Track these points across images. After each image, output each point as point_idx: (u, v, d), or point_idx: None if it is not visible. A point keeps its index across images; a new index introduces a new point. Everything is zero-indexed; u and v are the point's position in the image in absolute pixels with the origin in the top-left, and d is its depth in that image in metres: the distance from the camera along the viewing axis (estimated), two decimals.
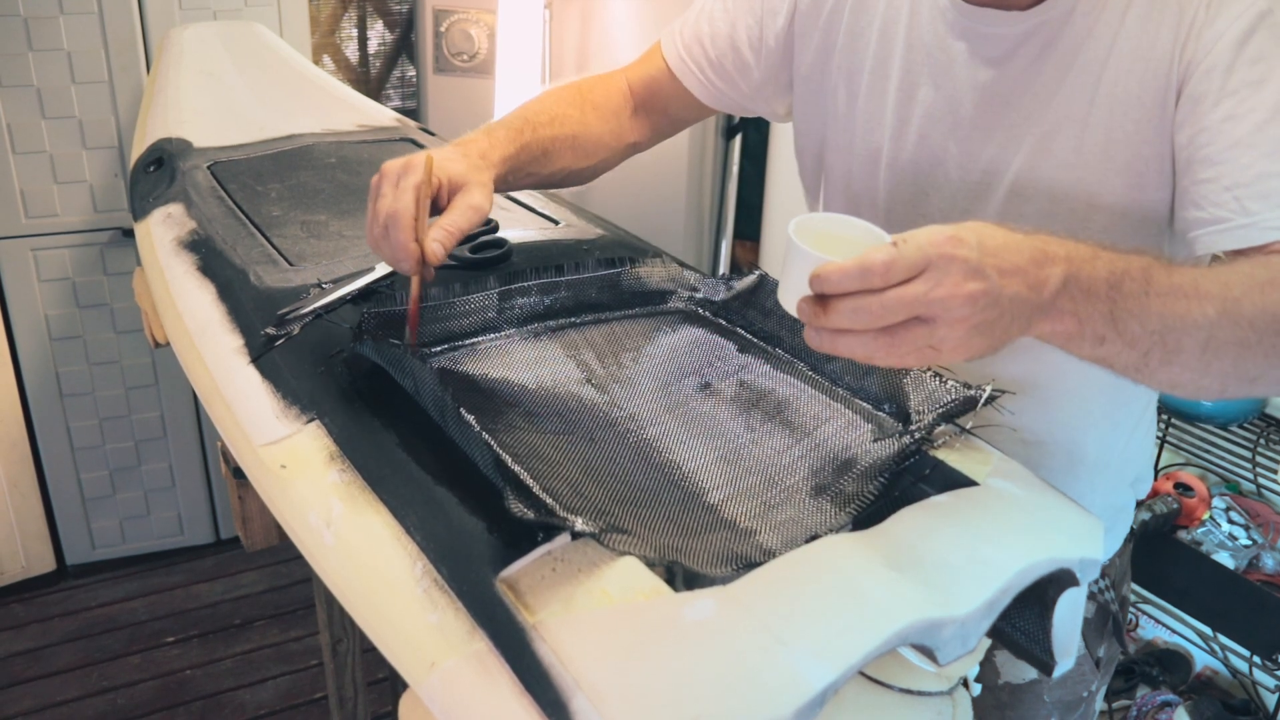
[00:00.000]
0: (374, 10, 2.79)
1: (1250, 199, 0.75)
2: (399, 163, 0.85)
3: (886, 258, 0.62)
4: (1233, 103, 0.76)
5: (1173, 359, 0.70)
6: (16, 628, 2.33)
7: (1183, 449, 2.05)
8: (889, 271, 0.62)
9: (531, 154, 0.98)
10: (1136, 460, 1.07)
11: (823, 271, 0.63)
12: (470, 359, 0.86)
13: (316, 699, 2.16)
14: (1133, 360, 0.70)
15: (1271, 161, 0.75)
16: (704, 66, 1.08)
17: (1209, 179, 0.78)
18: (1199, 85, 0.78)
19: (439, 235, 0.83)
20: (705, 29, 1.07)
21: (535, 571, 0.60)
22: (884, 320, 0.63)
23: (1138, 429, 1.06)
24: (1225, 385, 0.72)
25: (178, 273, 1.07)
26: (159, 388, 2.43)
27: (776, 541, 0.68)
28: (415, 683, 0.61)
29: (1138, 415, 1.05)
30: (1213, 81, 0.77)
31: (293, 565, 2.55)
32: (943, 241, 0.63)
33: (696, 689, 0.51)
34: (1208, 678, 2.13)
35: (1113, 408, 1.01)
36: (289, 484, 0.77)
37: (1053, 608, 0.67)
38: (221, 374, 0.91)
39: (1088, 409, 1.00)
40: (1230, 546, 1.83)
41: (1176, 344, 0.69)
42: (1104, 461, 1.03)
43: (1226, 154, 0.76)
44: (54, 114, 2.16)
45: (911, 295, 0.62)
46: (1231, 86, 0.77)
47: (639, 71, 1.12)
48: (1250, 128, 0.75)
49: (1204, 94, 0.78)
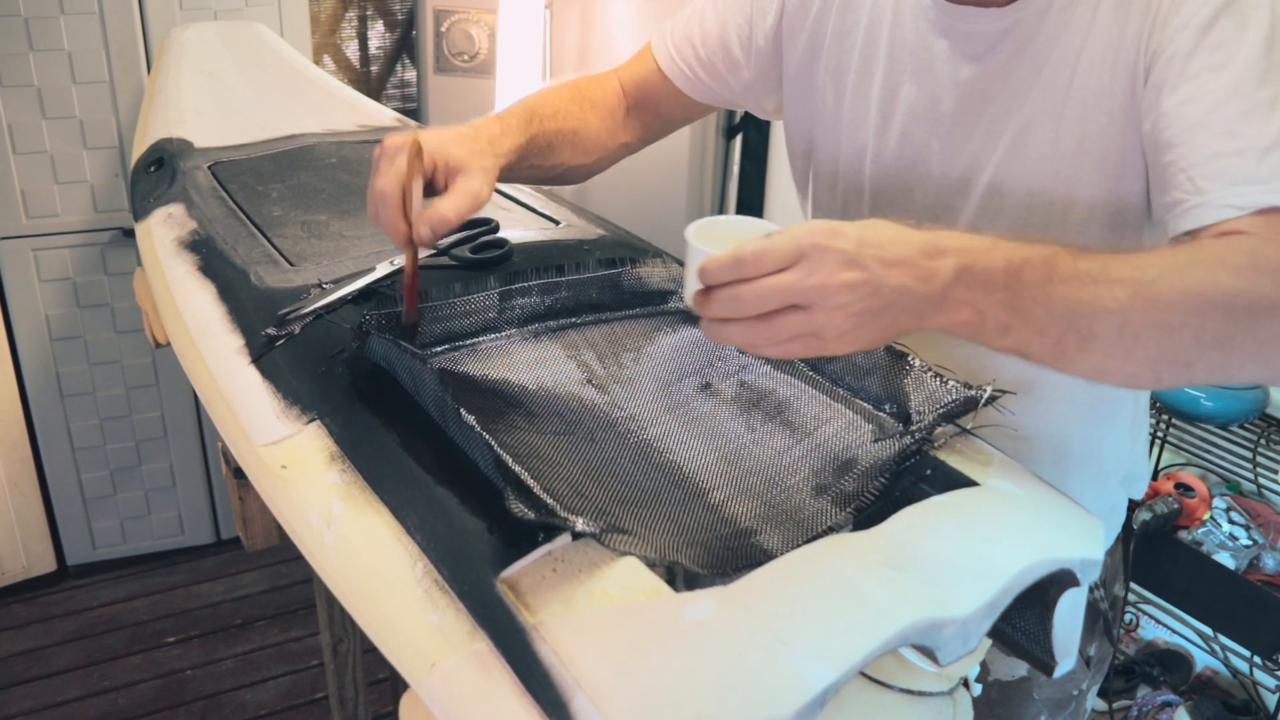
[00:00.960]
0: (374, 10, 2.79)
1: (1202, 178, 0.75)
2: (398, 139, 0.84)
3: (757, 249, 0.65)
4: (1191, 86, 0.77)
5: (1089, 345, 0.69)
6: (17, 628, 2.33)
7: (1183, 449, 2.05)
8: (760, 261, 0.65)
9: (537, 146, 0.98)
10: (1126, 458, 1.07)
11: (706, 263, 0.66)
12: (471, 359, 0.86)
13: (317, 699, 2.16)
14: (1047, 349, 0.70)
15: (1223, 141, 0.75)
16: (694, 66, 1.09)
17: (1169, 162, 0.78)
18: (1161, 72, 0.79)
19: (430, 218, 0.82)
20: (696, 30, 1.08)
21: (536, 572, 0.60)
22: (757, 308, 0.65)
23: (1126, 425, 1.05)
24: (1159, 372, 0.71)
25: (178, 273, 1.07)
26: (159, 388, 2.43)
27: (777, 541, 0.68)
28: (416, 683, 0.61)
29: (1126, 411, 1.04)
30: (1173, 67, 0.78)
31: (293, 565, 2.55)
32: (819, 233, 0.66)
33: (697, 689, 0.51)
34: (1208, 678, 2.13)
35: (1098, 402, 1.01)
36: (289, 484, 0.77)
37: (1053, 608, 0.67)
38: (222, 374, 0.91)
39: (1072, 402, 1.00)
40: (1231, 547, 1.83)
41: (1089, 330, 0.69)
42: (1091, 457, 1.03)
43: (1183, 136, 0.77)
44: (55, 114, 2.16)
45: (783, 283, 0.64)
46: (1191, 71, 0.77)
47: (630, 72, 1.13)
48: (1205, 109, 0.76)
49: (1164, 80, 0.79)
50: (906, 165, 0.96)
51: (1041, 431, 0.99)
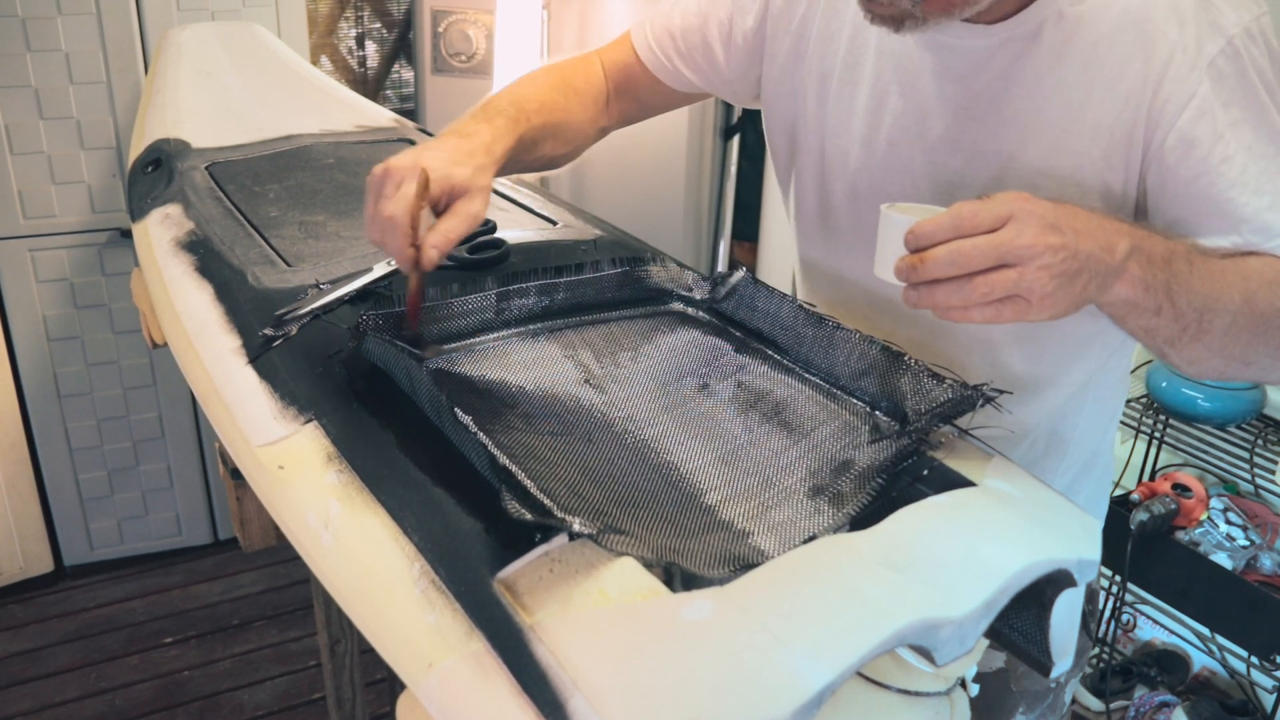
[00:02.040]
0: (372, 11, 2.79)
1: (1251, 233, 0.81)
2: (401, 164, 0.85)
3: (974, 208, 0.70)
4: (1223, 146, 0.81)
5: (1202, 337, 0.77)
6: (15, 628, 2.33)
7: (1181, 449, 2.05)
8: (977, 218, 0.69)
9: (524, 144, 0.99)
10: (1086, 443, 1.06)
11: (918, 227, 0.71)
12: (468, 360, 0.86)
13: (315, 699, 2.16)
14: (1173, 333, 0.77)
15: (1259, 198, 0.80)
16: (673, 58, 1.10)
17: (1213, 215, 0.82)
18: (1193, 129, 0.81)
19: (435, 240, 0.83)
20: (677, 22, 1.09)
21: (533, 572, 0.60)
22: (976, 264, 0.69)
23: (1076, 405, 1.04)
24: (1228, 367, 0.80)
25: (175, 273, 1.07)
26: (157, 388, 2.43)
27: (774, 542, 0.68)
28: (413, 683, 0.61)
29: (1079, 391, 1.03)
30: (1205, 126, 0.81)
31: (291, 566, 2.55)
32: (1023, 199, 0.71)
33: (694, 689, 0.51)
34: (1206, 678, 2.13)
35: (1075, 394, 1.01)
36: (287, 485, 0.77)
37: (1050, 608, 0.67)
38: (219, 375, 0.91)
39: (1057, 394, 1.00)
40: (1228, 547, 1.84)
41: (1210, 324, 0.76)
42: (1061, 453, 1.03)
43: (1227, 194, 0.81)
44: (52, 114, 2.16)
45: (1000, 240, 0.69)
46: (1219, 130, 0.81)
47: (612, 57, 1.13)
48: (1239, 168, 0.80)
49: (1199, 138, 0.81)
50: (892, 174, 0.97)
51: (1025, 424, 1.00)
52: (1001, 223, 0.70)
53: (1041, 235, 0.69)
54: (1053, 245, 0.69)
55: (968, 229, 0.69)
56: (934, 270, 0.70)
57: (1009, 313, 0.71)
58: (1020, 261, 0.69)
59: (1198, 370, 0.81)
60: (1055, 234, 0.70)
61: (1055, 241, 0.69)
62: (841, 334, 0.85)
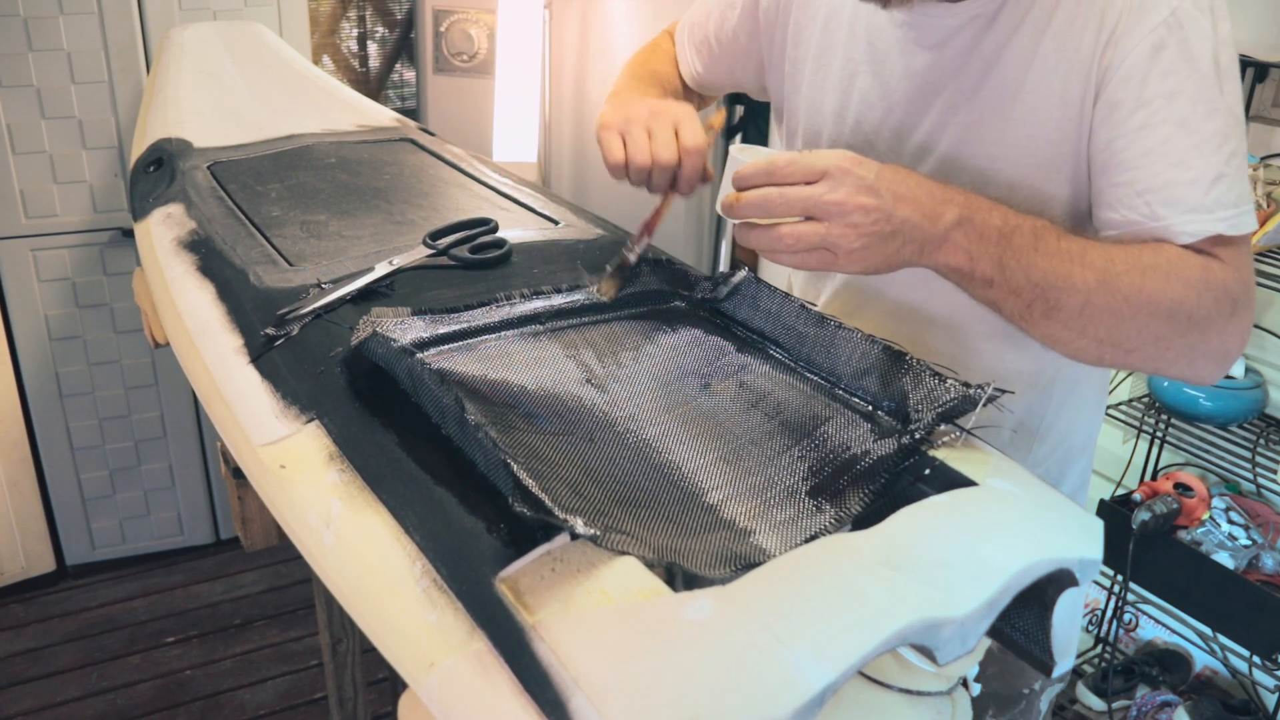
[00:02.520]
0: (373, 10, 2.79)
1: (1159, 204, 0.81)
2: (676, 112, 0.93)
3: (789, 159, 0.75)
4: (1146, 113, 0.81)
5: (1053, 315, 0.79)
6: (16, 628, 2.33)
7: (1182, 449, 2.05)
8: (789, 170, 0.75)
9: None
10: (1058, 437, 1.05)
11: (741, 169, 0.77)
12: (469, 359, 0.86)
13: (316, 699, 2.16)
14: (1017, 309, 0.80)
15: (1178, 171, 0.80)
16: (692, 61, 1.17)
17: (1123, 183, 0.83)
18: (1117, 92, 0.82)
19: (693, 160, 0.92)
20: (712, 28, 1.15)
21: (534, 571, 0.60)
22: (780, 212, 0.75)
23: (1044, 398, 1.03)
24: (1101, 351, 0.81)
25: (177, 273, 1.07)
26: (159, 388, 2.43)
27: (775, 541, 0.68)
28: (414, 682, 0.61)
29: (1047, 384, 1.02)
30: (1129, 90, 0.81)
31: (292, 565, 2.55)
32: (845, 159, 0.75)
33: (695, 688, 0.51)
34: (1207, 678, 2.13)
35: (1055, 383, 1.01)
36: (288, 484, 0.77)
37: (1052, 608, 0.67)
38: (221, 374, 0.91)
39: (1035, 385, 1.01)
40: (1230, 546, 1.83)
41: (1057, 301, 0.78)
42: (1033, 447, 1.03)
43: (1139, 160, 0.81)
44: (54, 114, 2.16)
45: (806, 194, 0.74)
46: (1146, 96, 0.81)
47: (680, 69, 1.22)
48: (1160, 138, 0.80)
49: (1121, 101, 0.82)
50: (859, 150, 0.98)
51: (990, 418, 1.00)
52: (816, 176, 0.74)
53: (853, 195, 0.73)
54: (863, 205, 0.73)
55: (779, 178, 0.75)
56: (744, 211, 0.77)
57: (814, 261, 0.76)
58: (827, 217, 0.73)
59: (1066, 351, 0.82)
60: (869, 195, 0.74)
61: (867, 202, 0.73)
62: (843, 333, 0.85)
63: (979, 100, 0.89)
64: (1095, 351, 0.81)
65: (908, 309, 1.00)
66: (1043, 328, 0.81)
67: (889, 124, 0.95)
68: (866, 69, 0.96)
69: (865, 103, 0.97)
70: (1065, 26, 0.84)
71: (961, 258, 0.77)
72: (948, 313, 0.98)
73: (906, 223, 0.75)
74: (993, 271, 0.78)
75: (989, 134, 0.89)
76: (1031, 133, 0.87)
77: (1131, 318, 0.78)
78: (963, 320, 0.98)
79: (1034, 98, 0.86)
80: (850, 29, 0.98)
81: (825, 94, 1.01)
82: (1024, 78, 0.87)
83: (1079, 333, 0.80)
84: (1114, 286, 0.77)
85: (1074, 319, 0.79)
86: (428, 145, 1.51)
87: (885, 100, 0.95)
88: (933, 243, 0.77)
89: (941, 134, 0.92)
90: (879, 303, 1.03)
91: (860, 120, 0.98)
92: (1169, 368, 0.82)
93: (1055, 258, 0.78)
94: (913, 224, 0.75)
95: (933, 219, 0.76)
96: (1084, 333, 0.80)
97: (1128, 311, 0.78)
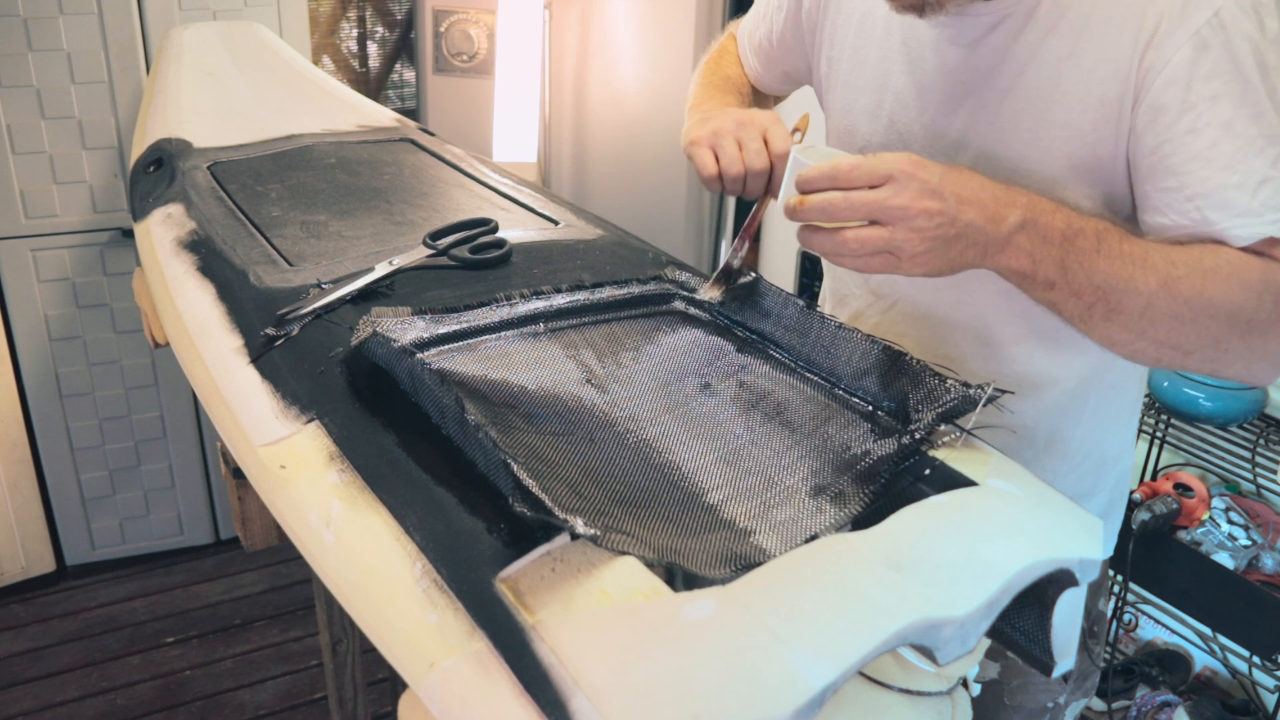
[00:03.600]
0: (373, 10, 2.79)
1: (1209, 209, 0.80)
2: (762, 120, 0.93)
3: (854, 162, 0.74)
4: (1192, 116, 0.80)
5: (1113, 317, 0.78)
6: (16, 628, 2.33)
7: (1182, 449, 2.05)
8: (853, 174, 0.74)
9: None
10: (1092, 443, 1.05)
11: (805, 172, 0.76)
12: (469, 359, 0.86)
13: (316, 699, 2.16)
14: (1078, 311, 0.79)
15: (1227, 174, 0.79)
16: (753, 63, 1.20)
17: (1172, 188, 0.82)
18: (1162, 95, 0.81)
19: None
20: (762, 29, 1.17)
21: (535, 571, 0.60)
22: (846, 216, 0.74)
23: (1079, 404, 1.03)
24: (1159, 353, 0.81)
25: (177, 273, 1.07)
26: (159, 388, 2.43)
27: (776, 541, 0.68)
28: (415, 682, 0.61)
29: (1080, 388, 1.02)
30: (1174, 94, 0.80)
31: (293, 565, 2.55)
32: (909, 162, 0.74)
33: (696, 688, 0.51)
34: (1207, 678, 2.13)
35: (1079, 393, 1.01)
36: (289, 484, 0.77)
37: (1052, 608, 0.67)
38: (221, 374, 0.91)
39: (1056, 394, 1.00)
40: (1230, 547, 1.83)
41: (1118, 304, 0.78)
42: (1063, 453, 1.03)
43: (1187, 165, 0.81)
44: (54, 114, 2.16)
45: (872, 198, 0.73)
46: (1191, 100, 0.80)
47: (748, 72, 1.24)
48: (1207, 142, 0.80)
49: (1166, 105, 0.81)
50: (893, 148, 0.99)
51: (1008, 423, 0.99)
52: (881, 180, 0.73)
53: (918, 199, 0.73)
54: (928, 210, 0.73)
55: (843, 181, 0.74)
56: (808, 215, 0.76)
57: (877, 265, 0.76)
58: (892, 221, 0.73)
59: (1124, 353, 0.82)
60: (933, 199, 0.73)
61: (931, 206, 0.73)
62: (843, 334, 0.85)
63: (1012, 99, 0.89)
64: (1153, 353, 0.81)
65: (938, 314, 1.00)
66: (1103, 330, 0.80)
67: (922, 122, 0.96)
68: (901, 67, 0.96)
69: (899, 101, 0.97)
70: (1102, 27, 0.84)
71: (1024, 260, 0.77)
72: (978, 317, 0.98)
73: (970, 226, 0.74)
74: (1055, 274, 0.77)
75: (1022, 133, 0.89)
76: (1066, 133, 0.87)
77: (1192, 320, 0.78)
78: (994, 325, 0.98)
79: (1070, 99, 0.86)
80: (885, 27, 0.98)
81: (860, 92, 1.01)
82: (1059, 78, 0.86)
83: (1138, 335, 0.79)
84: (1175, 289, 0.77)
85: (1135, 322, 0.78)
86: (428, 145, 1.51)
87: (920, 98, 0.95)
88: (996, 245, 0.76)
89: (975, 133, 0.92)
90: (908, 307, 1.03)
91: (894, 118, 0.98)
92: (1226, 369, 0.82)
93: (1118, 260, 0.77)
94: (976, 227, 0.75)
95: (996, 222, 0.75)
96: (1143, 335, 0.79)
97: (1188, 314, 0.78)
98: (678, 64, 2.60)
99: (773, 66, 1.17)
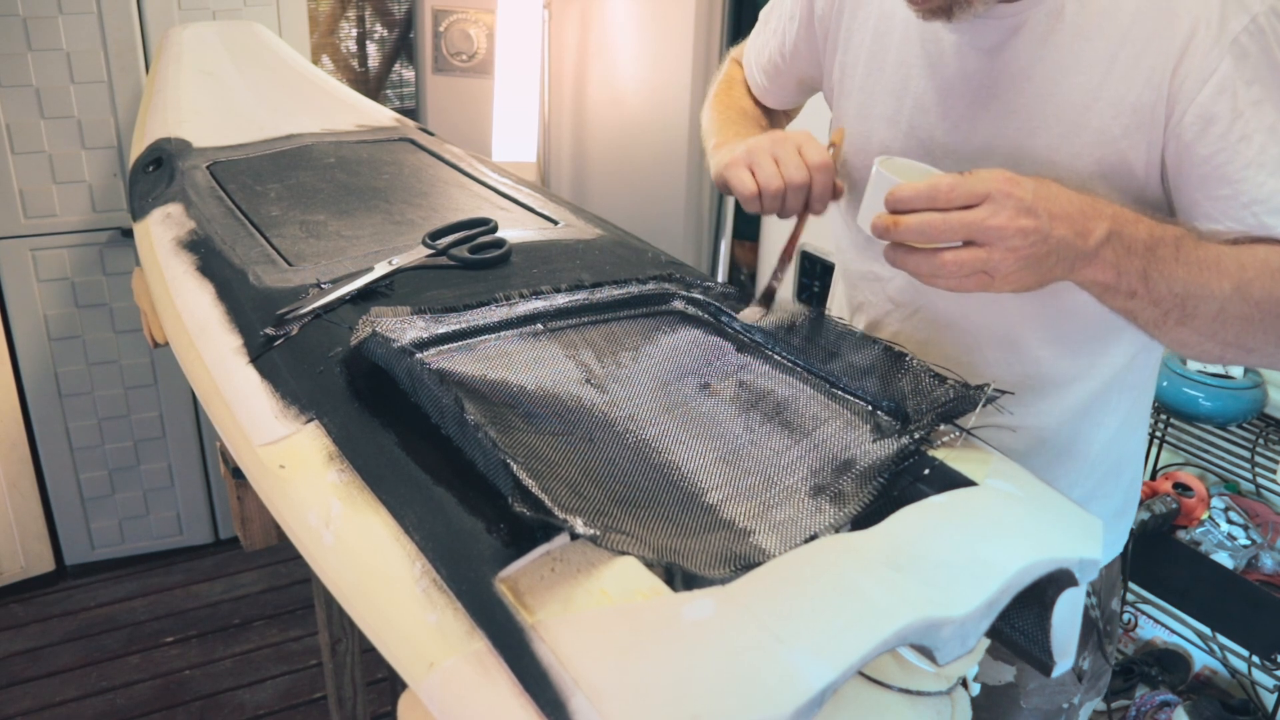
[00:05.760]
0: (373, 10, 2.79)
1: (1266, 214, 0.81)
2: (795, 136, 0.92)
3: (953, 182, 0.73)
4: (1242, 123, 0.80)
5: (1188, 321, 0.79)
6: (16, 628, 2.33)
7: (1182, 449, 2.05)
8: (952, 193, 0.72)
9: None
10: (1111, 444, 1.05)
11: (898, 191, 0.74)
12: (469, 359, 0.86)
13: (316, 699, 2.16)
14: (1154, 317, 0.80)
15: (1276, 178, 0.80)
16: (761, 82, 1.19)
17: (1227, 196, 0.82)
18: (1213, 105, 0.81)
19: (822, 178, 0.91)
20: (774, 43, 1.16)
21: (534, 571, 0.60)
22: (945, 237, 0.73)
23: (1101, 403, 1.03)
24: (1224, 352, 0.82)
25: (177, 272, 1.07)
26: (158, 388, 2.43)
27: (775, 541, 0.68)
28: (414, 682, 0.61)
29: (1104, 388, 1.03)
30: (1225, 103, 0.80)
31: (292, 565, 2.55)
32: (1004, 180, 0.73)
33: (695, 688, 0.51)
34: (1207, 678, 2.13)
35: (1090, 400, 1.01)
36: (288, 484, 0.77)
37: (1052, 608, 0.67)
38: (220, 374, 0.91)
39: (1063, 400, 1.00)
40: (1229, 546, 1.84)
41: (1194, 309, 0.78)
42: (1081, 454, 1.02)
43: (1242, 173, 0.81)
44: (53, 114, 2.16)
45: (971, 219, 0.72)
46: (1239, 107, 0.80)
47: None
48: (1257, 147, 0.80)
49: (1217, 114, 0.81)
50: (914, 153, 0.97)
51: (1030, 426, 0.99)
52: (978, 200, 0.72)
53: (1014, 218, 0.72)
54: (1024, 229, 0.72)
55: (942, 202, 0.72)
56: (904, 236, 0.74)
57: (972, 284, 0.75)
58: (989, 242, 0.72)
59: (1191, 354, 0.83)
60: (1029, 217, 0.72)
61: (1027, 225, 0.72)
62: (843, 334, 0.85)
63: (1041, 104, 0.88)
64: (1218, 353, 0.82)
65: (961, 320, 1.00)
66: (1175, 334, 0.81)
67: (944, 127, 0.95)
68: (920, 72, 0.95)
69: (919, 106, 0.96)
70: (1130, 31, 0.83)
71: (1109, 273, 0.77)
72: (1002, 321, 0.97)
73: (1061, 242, 0.74)
74: (1137, 284, 0.77)
75: (1052, 138, 0.88)
76: (1097, 139, 0.86)
77: (1260, 321, 0.79)
78: (1018, 328, 0.97)
79: (1101, 104, 0.85)
80: (904, 32, 0.97)
81: (876, 97, 1.00)
82: (1090, 84, 0.85)
83: (1209, 336, 0.80)
84: (1247, 292, 0.78)
85: (1207, 325, 0.79)
86: (427, 145, 1.51)
87: (941, 104, 0.94)
88: (1083, 259, 0.76)
89: (1002, 138, 0.91)
90: (930, 315, 1.02)
91: (914, 124, 0.97)
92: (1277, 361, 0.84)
93: (1195, 267, 0.78)
94: (1067, 243, 0.74)
95: (1084, 236, 0.75)
96: (1214, 337, 0.80)
97: (1258, 316, 0.79)
98: (677, 64, 2.60)
99: (785, 80, 1.15)
